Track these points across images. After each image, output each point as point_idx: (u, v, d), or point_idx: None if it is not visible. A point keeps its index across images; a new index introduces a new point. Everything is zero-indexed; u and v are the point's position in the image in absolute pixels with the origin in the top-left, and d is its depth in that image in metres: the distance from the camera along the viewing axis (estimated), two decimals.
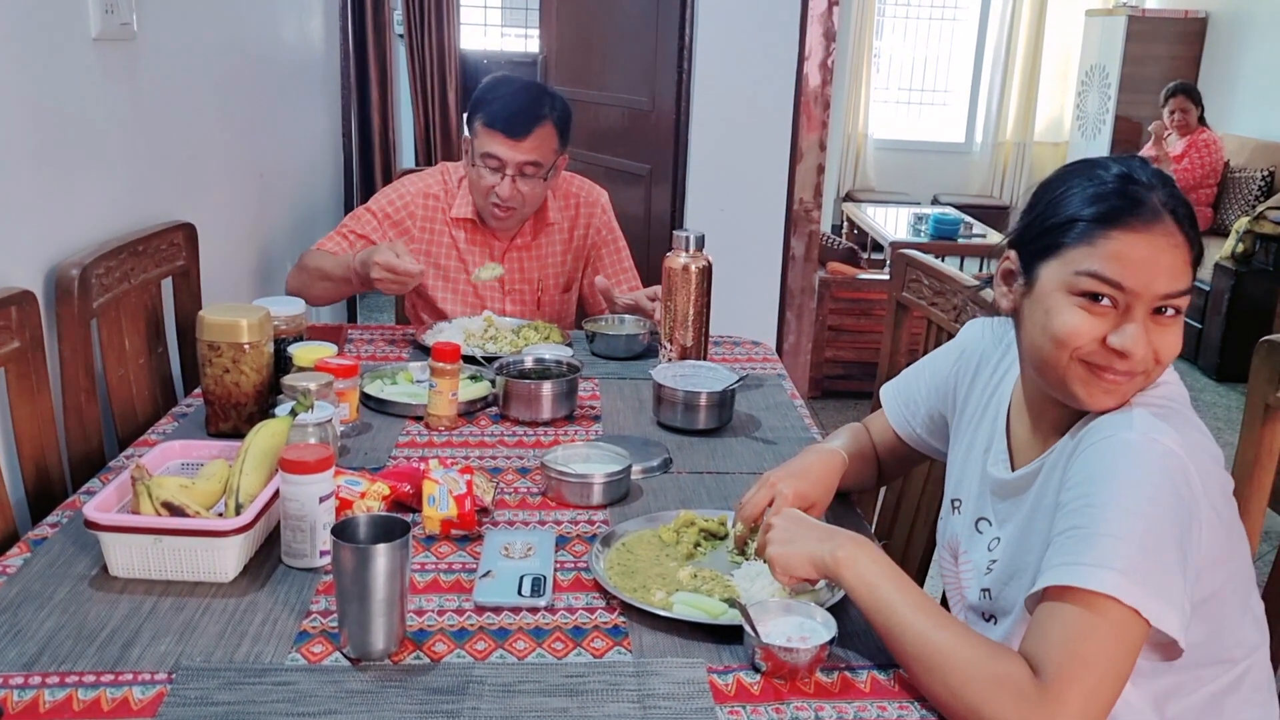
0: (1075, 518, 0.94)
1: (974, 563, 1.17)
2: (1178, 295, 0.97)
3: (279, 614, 1.08)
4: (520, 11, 6.17)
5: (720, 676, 1.00)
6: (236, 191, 2.49)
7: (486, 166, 2.00)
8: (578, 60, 3.53)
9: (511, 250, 2.15)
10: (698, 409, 1.62)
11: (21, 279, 1.47)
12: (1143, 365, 0.99)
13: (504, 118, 1.97)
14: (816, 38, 2.90)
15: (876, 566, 1.02)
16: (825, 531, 1.09)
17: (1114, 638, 0.88)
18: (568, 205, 2.19)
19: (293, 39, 3.10)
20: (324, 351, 1.56)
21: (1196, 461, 0.95)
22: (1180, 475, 0.93)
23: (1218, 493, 0.98)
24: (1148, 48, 6.15)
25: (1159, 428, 0.96)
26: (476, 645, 1.04)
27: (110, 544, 1.12)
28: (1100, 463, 0.96)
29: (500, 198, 2.00)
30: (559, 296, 2.21)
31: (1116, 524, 0.91)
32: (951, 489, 1.25)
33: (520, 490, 1.40)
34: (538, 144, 1.99)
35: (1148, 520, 0.91)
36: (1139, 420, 0.97)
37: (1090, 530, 0.92)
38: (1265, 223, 4.51)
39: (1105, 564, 0.89)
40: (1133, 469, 0.94)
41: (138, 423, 1.68)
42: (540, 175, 2.02)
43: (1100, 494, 0.93)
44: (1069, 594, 0.90)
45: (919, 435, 1.35)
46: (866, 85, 7.11)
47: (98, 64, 1.72)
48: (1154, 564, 0.90)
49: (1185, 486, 0.93)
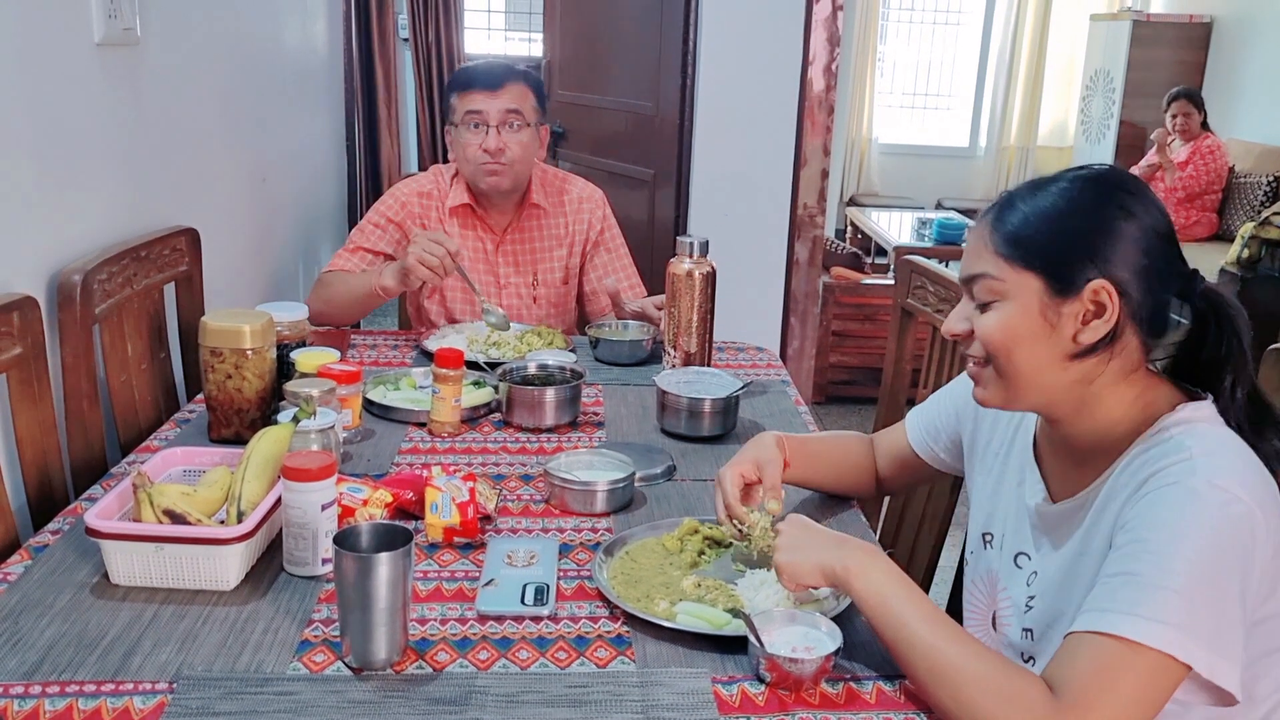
0: (1129, 563, 0.91)
1: (1013, 599, 1.13)
2: (974, 278, 1.03)
3: (281, 623, 1.07)
4: (524, 16, 6.17)
5: (725, 687, 0.99)
6: (239, 196, 2.49)
7: (469, 126, 2.04)
8: (581, 64, 3.53)
9: (504, 243, 2.16)
10: (702, 415, 1.61)
11: (24, 285, 1.47)
12: (973, 349, 1.05)
13: (479, 76, 2.06)
14: (820, 42, 2.90)
15: (887, 577, 1.00)
16: (834, 540, 1.07)
17: (1149, 680, 0.86)
18: (565, 202, 2.21)
19: (296, 43, 3.10)
20: (327, 357, 1.56)
21: (1262, 506, 0.92)
22: (1245, 523, 0.90)
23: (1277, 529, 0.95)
24: (1152, 52, 6.14)
25: (1224, 472, 0.93)
26: (479, 655, 1.03)
27: (111, 551, 1.12)
28: (1161, 509, 0.92)
29: (489, 150, 2.03)
30: (558, 289, 2.22)
31: (1173, 574, 0.88)
32: (982, 523, 1.21)
33: (523, 497, 1.40)
34: (516, 96, 2.05)
35: (1207, 572, 0.88)
36: (1202, 466, 0.93)
37: (1144, 578, 0.89)
38: (1271, 228, 4.49)
39: (1158, 617, 0.87)
40: (1195, 518, 0.90)
41: (140, 429, 1.68)
42: (523, 127, 2.06)
43: (1158, 540, 0.90)
44: (1112, 638, 0.87)
45: (941, 458, 1.33)
46: (870, 90, 7.11)
47: (100, 69, 1.72)
48: (1212, 617, 0.88)
49: (1249, 535, 0.90)
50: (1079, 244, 0.99)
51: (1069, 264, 0.99)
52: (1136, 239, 0.98)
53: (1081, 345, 0.99)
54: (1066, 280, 0.99)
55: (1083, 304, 0.99)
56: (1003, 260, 1.01)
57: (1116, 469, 1.01)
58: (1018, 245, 1.00)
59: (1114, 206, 0.99)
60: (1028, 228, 1.00)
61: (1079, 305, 0.99)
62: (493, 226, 2.15)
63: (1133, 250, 0.98)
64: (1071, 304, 0.99)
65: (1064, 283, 0.99)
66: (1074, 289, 0.98)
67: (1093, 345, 0.99)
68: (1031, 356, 1.01)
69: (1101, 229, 0.98)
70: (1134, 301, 0.99)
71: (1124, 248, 0.98)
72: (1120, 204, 0.99)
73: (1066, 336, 1.00)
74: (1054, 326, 1.00)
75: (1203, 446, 0.95)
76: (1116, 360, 1.01)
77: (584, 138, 3.54)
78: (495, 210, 2.14)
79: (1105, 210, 0.99)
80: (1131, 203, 0.99)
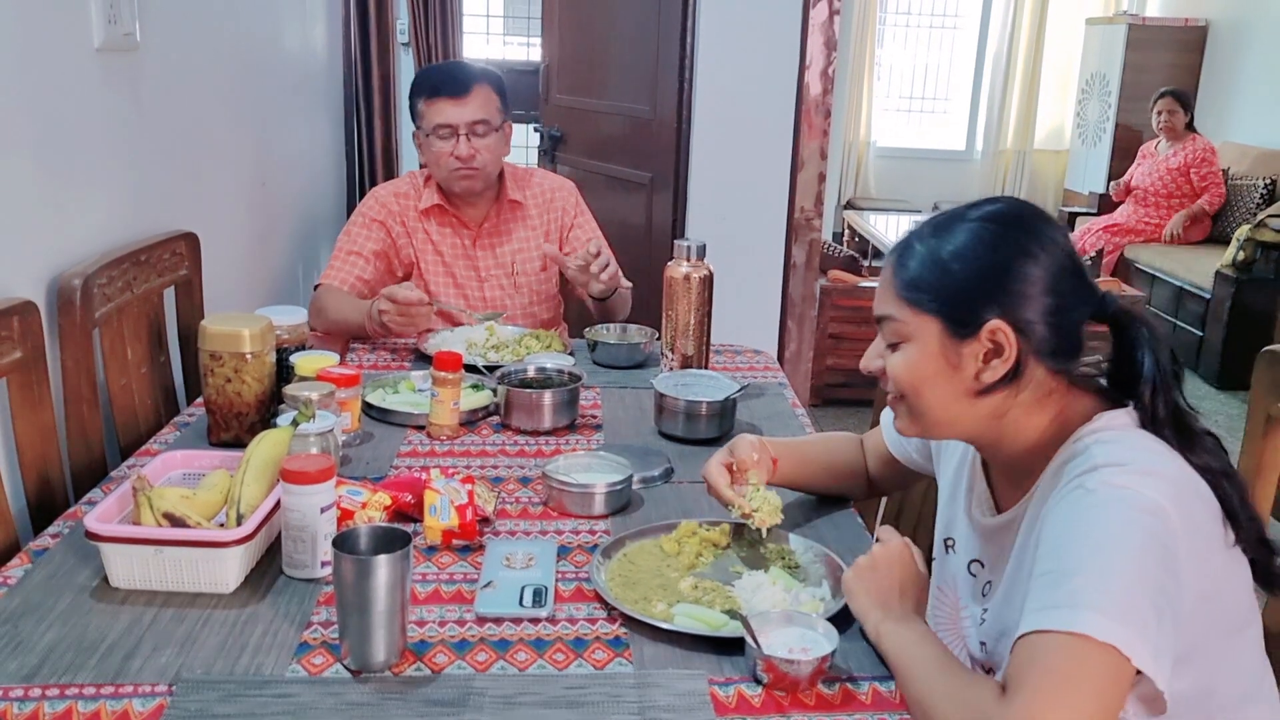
0: (1046, 563, 0.92)
1: (970, 610, 1.15)
2: (881, 318, 1.07)
3: (280, 625, 1.08)
4: (522, 20, 6.18)
5: (721, 688, 0.99)
6: (239, 201, 2.50)
7: (439, 137, 2.08)
8: (579, 69, 3.54)
9: (482, 236, 2.20)
10: (699, 418, 1.62)
11: (24, 289, 1.47)
12: (891, 388, 1.07)
13: (444, 84, 2.10)
14: (817, 46, 2.91)
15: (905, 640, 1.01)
16: (892, 594, 1.07)
17: (1091, 674, 0.85)
18: (538, 195, 2.25)
19: (296, 48, 3.11)
20: (326, 361, 1.56)
21: (1172, 500, 0.92)
22: (1149, 517, 0.90)
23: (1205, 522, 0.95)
24: (1148, 56, 6.16)
25: (1125, 473, 0.93)
26: (477, 656, 1.04)
27: (111, 555, 1.12)
28: (1069, 512, 0.93)
29: (460, 158, 2.08)
30: (538, 277, 2.25)
31: (1088, 564, 0.89)
32: (942, 528, 1.23)
33: (522, 500, 1.40)
34: (481, 102, 2.09)
35: (1118, 562, 0.89)
36: (1104, 469, 0.94)
37: (1059, 573, 0.90)
38: (1266, 231, 4.50)
39: (1079, 604, 0.86)
40: (1100, 515, 0.91)
41: (139, 432, 1.68)
42: (491, 131, 2.10)
43: (1070, 542, 0.91)
44: (1046, 636, 0.87)
45: (914, 458, 1.34)
46: (867, 93, 7.12)
47: (100, 74, 1.72)
48: (1130, 602, 0.87)
49: (1159, 526, 0.90)
50: (976, 287, 1.01)
51: (966, 307, 1.01)
52: (1037, 278, 1.00)
53: (984, 384, 1.02)
54: (964, 323, 1.01)
55: (981, 344, 1.01)
56: (904, 303, 1.04)
57: (1039, 483, 1.03)
58: (917, 289, 1.03)
59: (1013, 248, 1.00)
60: (926, 272, 1.03)
61: (978, 346, 1.01)
62: (468, 223, 2.19)
63: (1033, 289, 1.00)
64: (971, 345, 1.01)
65: (962, 325, 1.01)
66: (972, 331, 1.01)
67: (995, 383, 1.02)
68: (938, 395, 1.04)
69: (999, 272, 1.00)
70: (1036, 337, 1.00)
71: (1022, 288, 0.99)
72: (1020, 246, 1.00)
73: (969, 376, 1.02)
74: (955, 367, 1.02)
75: (1106, 451, 0.96)
76: (1026, 392, 1.03)
77: (582, 141, 3.54)
78: (469, 206, 2.19)
79: (1003, 253, 1.00)
80: (1031, 242, 1.00)
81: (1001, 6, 7.14)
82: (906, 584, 1.08)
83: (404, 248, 2.18)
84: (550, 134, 3.65)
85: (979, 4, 7.23)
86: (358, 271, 2.11)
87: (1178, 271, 4.97)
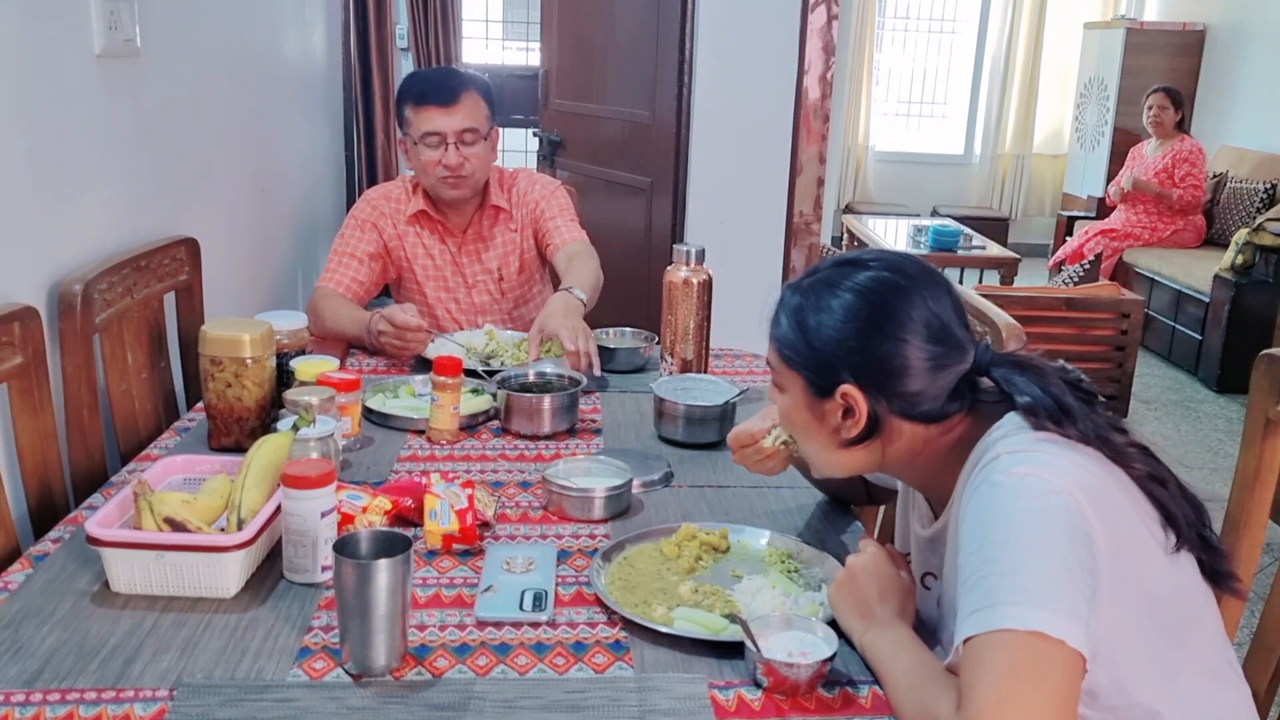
0: (963, 571, 0.93)
1: (929, 621, 1.16)
2: (767, 362, 1.15)
3: (280, 630, 1.08)
4: (521, 25, 6.19)
5: (721, 692, 1.00)
6: (239, 206, 2.50)
7: (428, 145, 2.08)
8: (578, 73, 3.55)
9: (466, 243, 2.21)
10: (698, 422, 1.62)
11: (24, 294, 1.48)
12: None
13: (432, 91, 2.09)
14: (816, 51, 2.91)
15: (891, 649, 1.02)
16: (873, 602, 1.07)
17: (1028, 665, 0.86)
18: (518, 197, 2.25)
19: (295, 53, 3.12)
20: (326, 365, 1.57)
21: (1075, 480, 0.94)
22: (1055, 498, 0.92)
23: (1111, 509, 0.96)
24: (1146, 60, 6.17)
25: (1023, 460, 0.95)
26: (478, 661, 1.04)
27: (112, 560, 1.12)
28: (973, 514, 0.95)
29: (449, 166, 2.08)
30: (519, 278, 2.26)
31: (993, 562, 0.90)
32: (900, 543, 1.26)
33: (522, 504, 1.40)
34: (469, 109, 2.09)
35: (1021, 546, 0.90)
36: (1004, 461, 0.96)
37: (975, 577, 0.91)
38: (1265, 234, 4.51)
39: (997, 601, 0.88)
40: (998, 507, 0.93)
41: (140, 438, 1.69)
42: (479, 139, 2.10)
43: (975, 542, 0.93)
44: (977, 639, 0.88)
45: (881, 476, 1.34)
46: (866, 98, 7.14)
47: (101, 80, 1.73)
48: (1048, 587, 0.88)
49: (1064, 508, 0.92)
50: (832, 354, 1.06)
51: (823, 371, 1.07)
52: (895, 352, 1.03)
53: (843, 439, 1.08)
54: (821, 385, 1.07)
55: (836, 404, 1.07)
56: (778, 357, 1.12)
57: (957, 488, 1.05)
58: (786, 346, 1.10)
59: (873, 324, 1.04)
60: (792, 334, 1.09)
61: (834, 405, 1.07)
62: (453, 230, 2.20)
63: (891, 363, 1.04)
64: (829, 403, 1.07)
65: (819, 386, 1.08)
66: (828, 391, 1.07)
67: (856, 437, 1.07)
68: (812, 442, 1.12)
69: (857, 344, 1.05)
70: (892, 401, 1.05)
71: (878, 360, 1.04)
72: (879, 323, 1.04)
73: (831, 429, 1.09)
74: (820, 420, 1.09)
75: (1006, 445, 0.98)
76: (899, 443, 1.08)
77: (581, 146, 3.55)
78: (455, 213, 2.20)
79: (863, 326, 1.05)
80: (893, 318, 1.04)
81: (1000, 11, 7.16)
82: (886, 590, 1.08)
83: (395, 250, 2.19)
84: (549, 139, 3.66)
85: (977, 8, 7.25)
86: (353, 274, 2.13)
87: (1177, 275, 4.98)
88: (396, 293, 2.28)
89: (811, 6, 2.87)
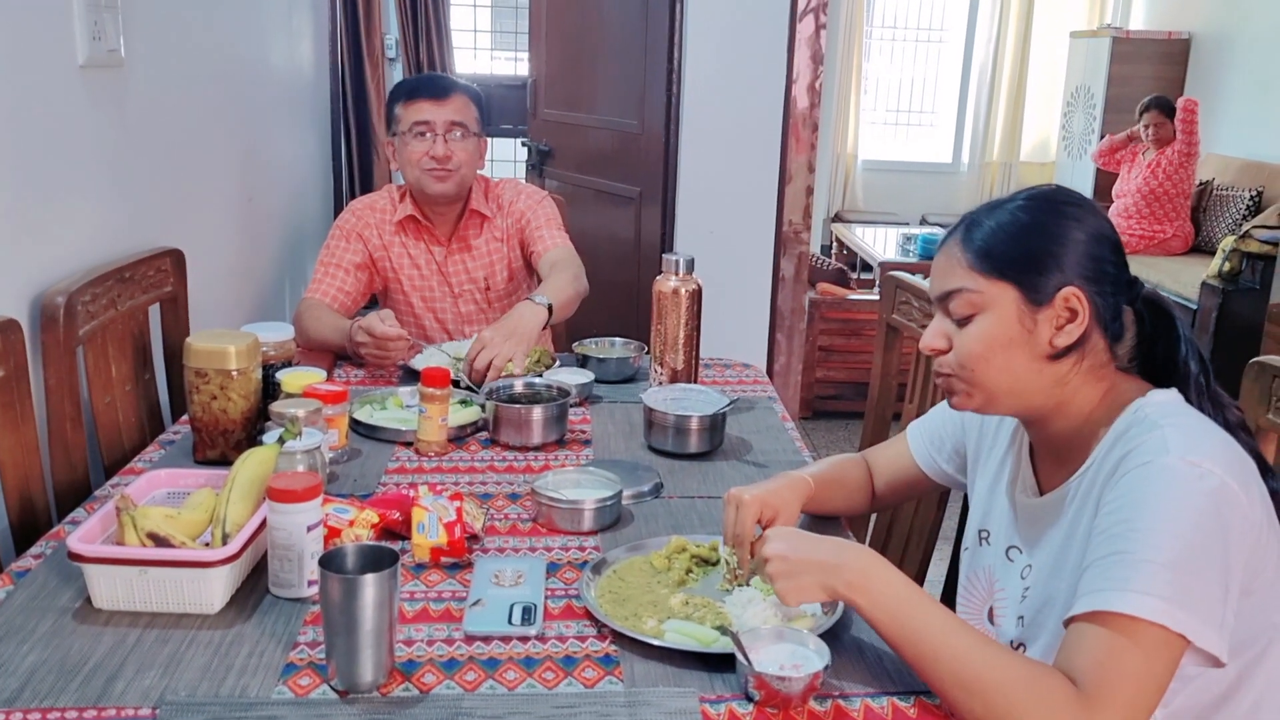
0: (1116, 543, 0.95)
1: (1008, 592, 1.17)
2: (950, 294, 1.09)
3: (266, 645, 1.07)
4: (510, 35, 6.20)
5: (713, 706, 0.99)
6: (225, 217, 2.49)
7: (415, 134, 2.10)
8: (567, 83, 3.55)
9: (451, 252, 2.21)
10: (689, 433, 1.61)
11: (6, 307, 1.46)
12: (945, 365, 1.10)
13: (424, 86, 2.13)
14: (804, 61, 2.92)
15: (892, 589, 1.01)
16: (828, 553, 1.04)
17: (1154, 655, 0.90)
18: (504, 205, 2.25)
19: (282, 63, 3.11)
20: (312, 377, 1.55)
21: (1237, 479, 0.96)
22: (1221, 495, 0.94)
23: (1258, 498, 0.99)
24: (1132, 68, 6.21)
25: (1195, 448, 0.97)
26: (466, 676, 1.03)
27: (94, 575, 1.11)
28: (1140, 488, 0.96)
29: (435, 157, 2.09)
30: (506, 287, 2.26)
31: (1158, 549, 0.92)
32: (978, 520, 1.25)
33: (510, 516, 1.39)
34: (460, 106, 2.12)
35: (1190, 543, 0.92)
36: (1174, 442, 0.97)
37: (1132, 555, 0.93)
38: (1252, 241, 4.53)
39: (1150, 590, 0.91)
40: (1172, 493, 0.95)
41: (124, 451, 1.67)
42: (468, 136, 2.11)
43: (1141, 519, 0.94)
44: (1110, 617, 0.91)
45: (944, 470, 1.35)
46: (855, 106, 7.15)
47: (85, 91, 1.72)
48: (1197, 587, 0.92)
49: (1227, 507, 0.94)
50: (1045, 254, 1.05)
51: (1039, 273, 1.05)
52: (1091, 248, 1.06)
53: (1057, 349, 1.06)
54: (1039, 289, 1.05)
55: (1055, 310, 1.05)
56: (978, 274, 1.08)
57: (1094, 456, 1.06)
58: (989, 258, 1.07)
59: (1067, 219, 1.07)
60: (999, 243, 1.07)
61: (1052, 311, 1.05)
62: (439, 237, 2.20)
63: (1089, 258, 1.06)
64: (1046, 310, 1.05)
65: (1037, 291, 1.05)
66: (1047, 296, 1.05)
67: (1067, 348, 1.06)
68: (1010, 362, 1.07)
69: (1061, 239, 1.06)
70: (1098, 305, 1.06)
71: (1081, 256, 1.06)
72: (1072, 216, 1.07)
73: (1042, 341, 1.06)
74: (1031, 332, 1.06)
75: (1173, 423, 1.00)
76: (1087, 360, 1.08)
77: (570, 156, 3.54)
78: (441, 220, 2.20)
79: (1061, 222, 1.07)
80: (1080, 214, 1.07)
81: (986, 20, 7.19)
82: (818, 542, 1.06)
83: (380, 260, 2.19)
84: (538, 148, 3.65)
85: (964, 17, 7.28)
86: (339, 284, 2.13)
87: (1164, 282, 4.99)
88: (384, 303, 2.27)
89: (800, 16, 2.88)
